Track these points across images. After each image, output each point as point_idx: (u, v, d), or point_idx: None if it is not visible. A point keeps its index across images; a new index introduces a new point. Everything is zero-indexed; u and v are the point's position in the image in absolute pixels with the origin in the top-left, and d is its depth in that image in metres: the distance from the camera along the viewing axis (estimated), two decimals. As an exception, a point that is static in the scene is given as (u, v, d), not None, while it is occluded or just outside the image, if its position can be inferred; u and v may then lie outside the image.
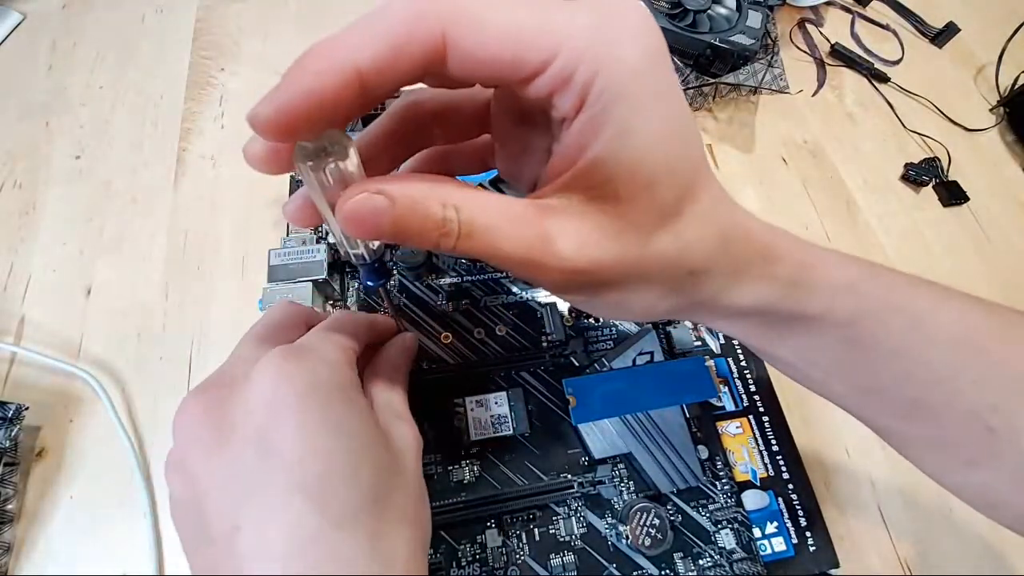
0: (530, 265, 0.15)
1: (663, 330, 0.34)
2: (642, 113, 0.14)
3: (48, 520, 0.31)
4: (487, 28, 0.13)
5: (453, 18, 0.13)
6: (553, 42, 0.13)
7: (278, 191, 0.41)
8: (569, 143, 0.15)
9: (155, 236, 0.40)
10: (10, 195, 0.41)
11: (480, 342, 0.33)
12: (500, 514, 0.29)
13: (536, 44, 0.13)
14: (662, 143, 0.14)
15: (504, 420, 0.31)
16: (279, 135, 0.14)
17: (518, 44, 0.13)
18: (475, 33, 0.13)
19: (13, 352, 0.35)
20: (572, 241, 0.15)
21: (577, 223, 0.15)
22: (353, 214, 0.14)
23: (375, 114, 0.21)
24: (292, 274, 0.30)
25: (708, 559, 0.29)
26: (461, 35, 0.13)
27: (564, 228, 0.15)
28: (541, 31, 0.13)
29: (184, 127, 0.45)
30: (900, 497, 0.35)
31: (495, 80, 0.15)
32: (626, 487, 0.30)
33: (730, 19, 0.49)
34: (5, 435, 0.31)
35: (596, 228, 0.15)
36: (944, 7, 0.59)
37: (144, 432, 0.34)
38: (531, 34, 0.13)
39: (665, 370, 0.32)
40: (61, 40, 0.49)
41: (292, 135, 0.14)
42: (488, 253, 0.14)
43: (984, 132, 0.52)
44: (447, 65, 0.13)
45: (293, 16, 0.52)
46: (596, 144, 0.14)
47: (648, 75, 0.14)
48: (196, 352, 0.36)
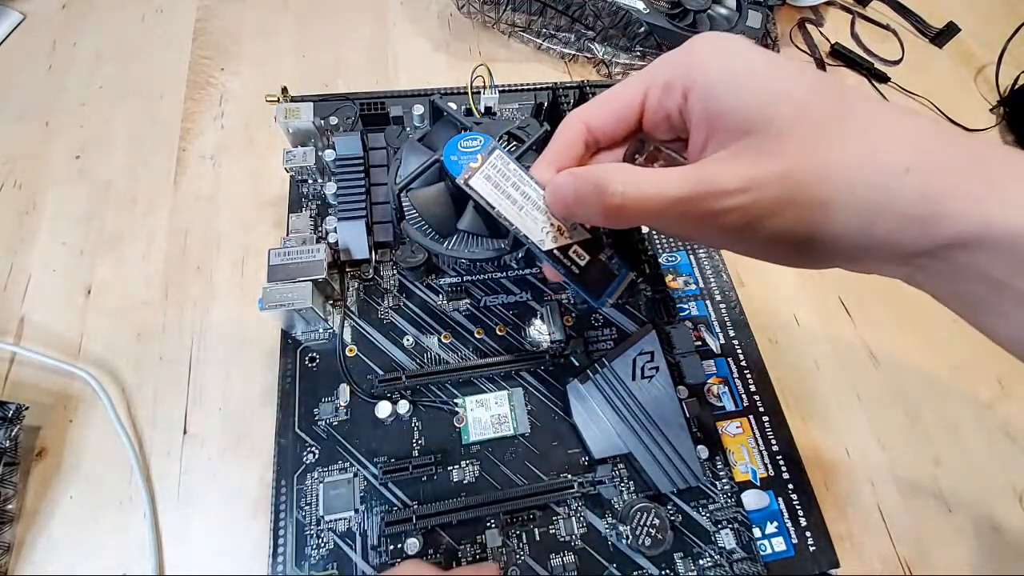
0: (699, 200, 0.18)
1: (663, 330, 0.34)
2: (718, 86, 0.19)
3: (48, 520, 0.31)
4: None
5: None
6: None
7: (278, 191, 0.41)
8: (697, 123, 0.20)
9: (155, 236, 0.40)
10: (10, 195, 0.41)
11: (480, 342, 0.33)
12: (500, 514, 0.29)
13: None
14: (735, 93, 0.18)
15: (504, 420, 0.31)
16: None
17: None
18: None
19: (13, 352, 0.35)
20: (726, 170, 0.18)
21: (725, 160, 0.18)
22: (552, 187, 0.21)
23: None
24: (292, 274, 0.30)
25: (708, 559, 0.29)
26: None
27: (716, 167, 0.18)
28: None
29: (184, 127, 0.45)
30: (900, 497, 0.35)
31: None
32: (626, 487, 0.30)
33: (730, 19, 0.49)
34: (5, 435, 0.31)
35: (740, 157, 0.18)
36: (944, 7, 0.59)
37: (144, 432, 0.34)
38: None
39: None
40: (61, 40, 0.49)
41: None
42: (659, 204, 0.18)
43: (984, 132, 0.52)
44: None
45: (293, 16, 0.52)
46: (704, 113, 0.19)
47: (717, 63, 0.19)
48: (196, 352, 0.36)
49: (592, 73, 0.52)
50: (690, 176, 0.18)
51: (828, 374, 0.39)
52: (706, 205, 0.18)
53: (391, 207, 0.33)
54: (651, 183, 0.19)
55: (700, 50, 0.19)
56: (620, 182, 0.19)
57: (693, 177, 0.18)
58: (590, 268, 0.23)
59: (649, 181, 0.19)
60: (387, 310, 0.34)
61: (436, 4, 0.54)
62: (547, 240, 0.23)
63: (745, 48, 0.19)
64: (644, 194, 0.19)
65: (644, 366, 0.32)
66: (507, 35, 0.52)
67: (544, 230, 0.23)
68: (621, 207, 0.19)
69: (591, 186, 0.20)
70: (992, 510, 0.35)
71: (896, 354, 0.40)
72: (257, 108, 0.45)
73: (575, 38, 0.50)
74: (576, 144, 0.22)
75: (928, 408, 0.38)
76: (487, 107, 0.38)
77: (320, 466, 0.29)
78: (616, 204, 0.19)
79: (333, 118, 0.38)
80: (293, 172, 0.36)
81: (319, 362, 0.32)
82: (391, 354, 0.32)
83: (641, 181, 0.19)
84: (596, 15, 0.48)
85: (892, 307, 0.42)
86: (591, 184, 0.20)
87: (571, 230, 0.23)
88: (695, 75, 0.19)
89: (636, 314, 0.35)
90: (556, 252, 0.23)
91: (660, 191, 0.18)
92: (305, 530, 0.28)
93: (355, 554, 0.28)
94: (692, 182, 0.18)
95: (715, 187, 0.18)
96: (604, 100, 0.22)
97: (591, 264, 0.23)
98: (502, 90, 0.40)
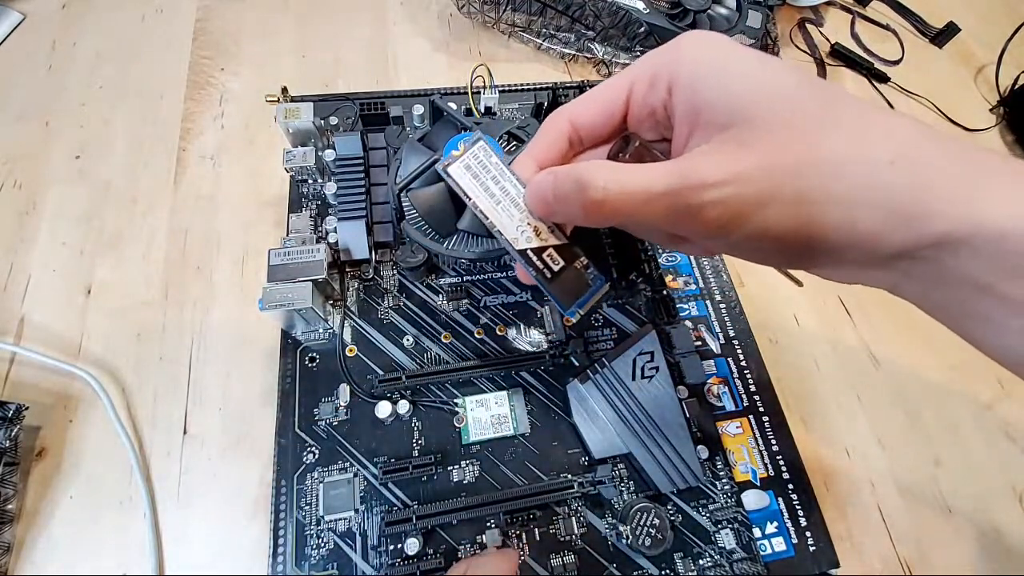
0: (681, 194, 0.18)
1: (663, 330, 0.34)
2: (704, 79, 0.18)
3: (48, 520, 0.31)
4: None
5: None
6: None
7: (278, 191, 0.41)
8: (680, 116, 0.20)
9: (155, 236, 0.40)
10: (10, 195, 0.41)
11: (480, 342, 0.33)
12: (500, 514, 0.29)
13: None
14: (719, 85, 0.18)
15: (504, 420, 0.31)
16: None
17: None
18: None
19: (13, 352, 0.35)
20: (709, 163, 0.18)
21: (708, 153, 0.18)
22: (533, 185, 0.21)
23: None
24: (292, 274, 0.30)
25: (708, 559, 0.29)
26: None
27: (699, 160, 0.18)
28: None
29: (184, 127, 0.45)
30: (900, 497, 0.35)
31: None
32: (626, 487, 0.30)
33: (730, 19, 0.49)
34: (5, 435, 0.31)
35: (722, 150, 0.18)
36: (944, 7, 0.59)
37: (144, 432, 0.34)
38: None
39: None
40: (61, 40, 0.49)
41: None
42: (641, 200, 0.18)
43: (984, 132, 0.52)
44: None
45: (293, 16, 0.52)
46: (689, 106, 0.19)
47: (702, 57, 0.19)
48: (196, 352, 0.36)
49: (592, 73, 0.52)
50: (672, 170, 0.18)
51: (828, 374, 0.39)
52: (688, 199, 0.18)
53: (391, 207, 0.33)
54: (633, 179, 0.18)
55: (686, 45, 0.19)
56: (602, 178, 0.19)
57: (675, 171, 0.18)
58: (564, 274, 0.23)
59: (631, 177, 0.18)
60: (387, 310, 0.34)
61: (436, 4, 0.54)
62: (521, 239, 0.22)
63: (731, 44, 0.19)
64: (626, 189, 0.18)
65: (644, 366, 0.32)
66: (507, 35, 0.52)
67: (520, 228, 0.22)
68: (603, 203, 0.19)
69: (572, 182, 0.19)
70: (992, 510, 0.35)
71: (896, 354, 0.40)
72: (257, 108, 0.45)
73: (575, 38, 0.50)
74: (560, 141, 0.22)
75: (928, 408, 0.38)
76: (487, 107, 0.38)
77: (320, 466, 0.29)
78: (598, 199, 0.19)
79: (333, 118, 0.38)
80: (293, 172, 0.36)
81: (319, 362, 0.32)
82: (391, 354, 0.32)
83: (623, 177, 0.18)
84: (596, 15, 0.48)
85: (892, 307, 0.41)
86: (572, 180, 0.19)
87: (548, 232, 0.23)
88: (680, 69, 0.19)
89: (636, 314, 0.35)
90: (530, 252, 0.22)
91: (642, 186, 0.18)
92: (305, 530, 0.28)
93: (355, 554, 0.28)
94: (674, 176, 0.18)
95: (696, 180, 0.17)
96: (589, 97, 0.22)
97: (565, 270, 0.23)
98: (502, 90, 0.40)
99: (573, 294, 0.23)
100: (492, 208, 0.22)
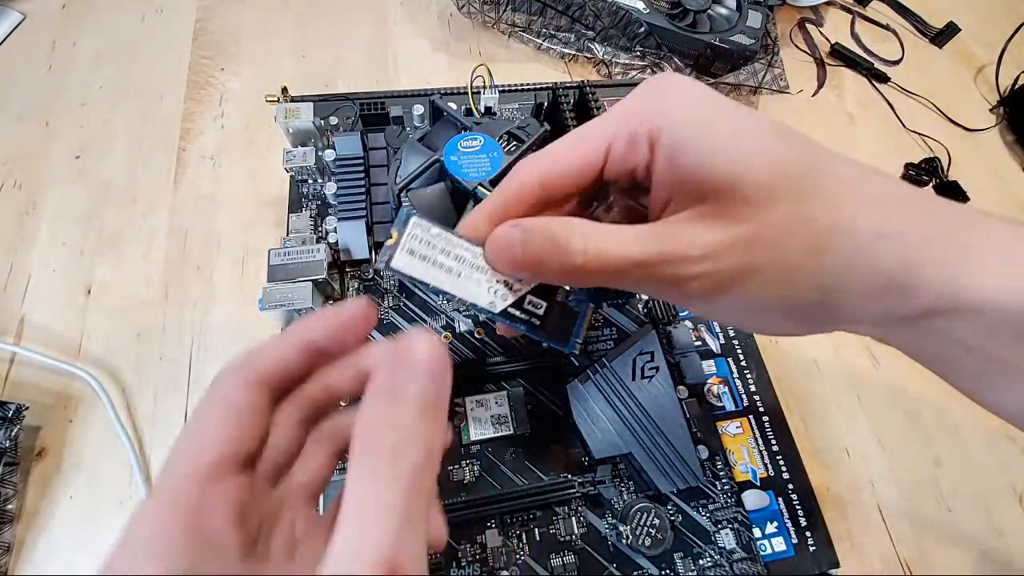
0: (662, 265, 0.17)
1: (663, 330, 0.34)
2: (685, 144, 0.17)
3: (48, 520, 0.31)
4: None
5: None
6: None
7: (278, 191, 0.41)
8: (659, 180, 0.18)
9: (155, 236, 0.40)
10: (10, 195, 0.41)
11: (480, 342, 0.33)
12: (500, 514, 0.29)
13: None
14: (702, 151, 0.17)
15: (504, 420, 0.31)
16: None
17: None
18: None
19: (13, 352, 0.35)
20: (691, 233, 0.17)
21: (689, 221, 0.17)
22: (494, 242, 0.19)
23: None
24: (292, 274, 0.30)
25: (708, 559, 0.29)
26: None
27: (680, 229, 0.17)
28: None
29: (184, 127, 0.45)
30: (900, 497, 0.35)
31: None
32: (626, 487, 0.30)
33: (730, 19, 0.49)
34: (5, 435, 0.31)
35: (704, 221, 0.17)
36: (944, 7, 0.59)
37: (144, 432, 0.34)
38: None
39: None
40: (61, 40, 0.49)
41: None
42: (617, 267, 0.17)
43: (984, 132, 0.52)
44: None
45: (293, 16, 0.52)
46: (669, 174, 0.18)
47: (686, 117, 0.17)
48: (196, 352, 0.36)
49: (592, 73, 0.52)
50: (653, 238, 0.17)
51: (828, 374, 0.39)
52: (669, 270, 0.17)
53: (391, 207, 0.33)
54: (613, 242, 0.17)
55: (668, 99, 0.18)
56: (581, 237, 0.17)
57: (656, 240, 0.17)
58: (550, 314, 0.21)
59: (609, 241, 0.17)
60: (387, 310, 0.34)
61: (436, 4, 0.54)
62: (497, 301, 0.20)
63: (712, 100, 0.18)
64: (604, 254, 0.17)
65: (644, 366, 0.32)
66: (507, 35, 0.52)
67: (491, 290, 0.20)
68: (582, 267, 0.17)
69: (547, 241, 0.17)
70: (992, 510, 0.35)
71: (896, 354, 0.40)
72: (257, 108, 0.45)
73: (575, 38, 0.51)
74: (524, 203, 0.19)
75: (928, 408, 0.38)
76: (487, 107, 0.38)
77: (320, 466, 0.29)
78: (578, 264, 0.17)
79: (333, 118, 0.38)
80: (293, 172, 0.36)
81: (319, 362, 0.32)
82: (391, 354, 0.32)
83: (601, 242, 0.17)
84: (596, 15, 0.48)
85: (892, 307, 0.42)
86: (548, 239, 0.17)
87: (518, 281, 0.21)
88: (661, 129, 0.17)
89: (636, 314, 0.35)
90: (510, 310, 0.21)
91: (622, 252, 0.17)
92: (305, 530, 0.28)
93: (355, 554, 0.28)
94: (656, 246, 0.17)
95: (678, 252, 0.17)
96: (562, 155, 0.19)
97: (550, 310, 0.21)
98: (502, 90, 0.40)
99: (565, 329, 0.22)
100: (455, 283, 0.20)
